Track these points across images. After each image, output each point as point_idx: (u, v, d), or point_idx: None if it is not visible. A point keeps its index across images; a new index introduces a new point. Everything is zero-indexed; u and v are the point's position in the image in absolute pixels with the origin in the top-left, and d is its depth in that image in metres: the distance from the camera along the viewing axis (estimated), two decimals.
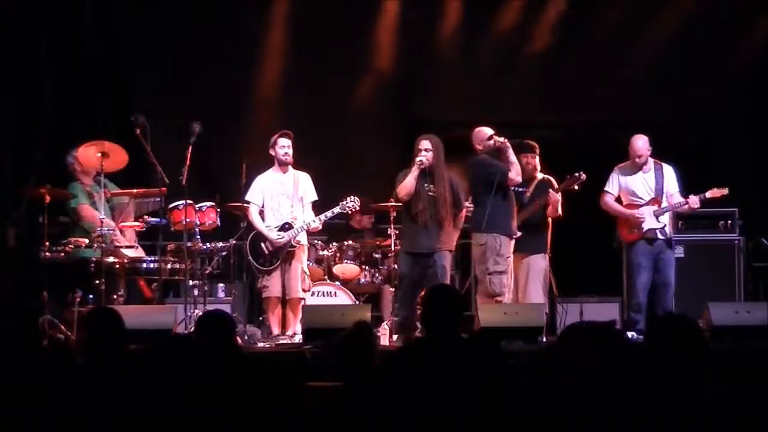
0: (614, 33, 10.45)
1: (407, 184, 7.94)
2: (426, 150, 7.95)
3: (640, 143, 8.44)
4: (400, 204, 8.32)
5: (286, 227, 8.45)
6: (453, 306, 4.62)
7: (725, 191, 8.41)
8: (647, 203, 8.44)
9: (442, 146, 8.08)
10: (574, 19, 10.45)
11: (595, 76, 10.48)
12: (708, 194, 8.39)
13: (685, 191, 8.49)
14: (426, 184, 7.97)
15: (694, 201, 8.35)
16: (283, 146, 8.49)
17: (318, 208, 8.64)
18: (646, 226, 8.38)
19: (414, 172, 7.92)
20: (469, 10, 10.57)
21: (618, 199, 8.59)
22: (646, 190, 8.47)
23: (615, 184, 8.56)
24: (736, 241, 9.52)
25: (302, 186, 8.57)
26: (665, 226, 8.41)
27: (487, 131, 8.19)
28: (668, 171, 8.53)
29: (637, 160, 8.45)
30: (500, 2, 10.62)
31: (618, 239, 8.63)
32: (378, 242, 9.72)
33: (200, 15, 10.38)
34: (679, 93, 10.45)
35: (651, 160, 8.50)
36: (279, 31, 10.61)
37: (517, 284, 8.40)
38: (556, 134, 10.56)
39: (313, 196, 8.61)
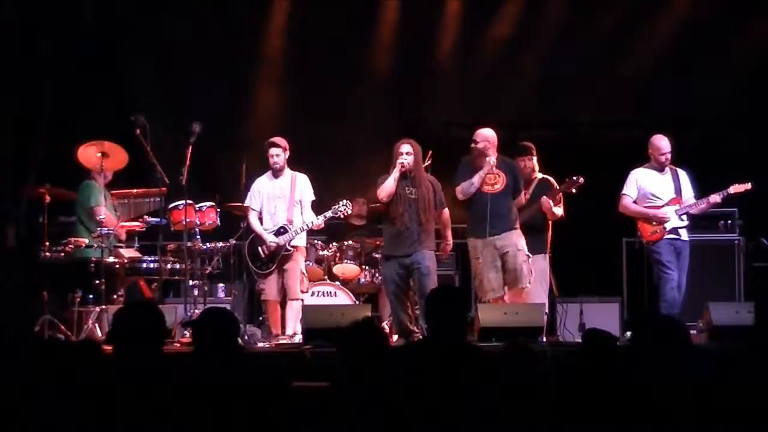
0: (614, 33, 10.46)
1: (388, 186, 7.98)
2: (407, 153, 7.98)
3: (664, 142, 8.40)
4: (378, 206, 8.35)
5: (281, 231, 8.48)
6: (458, 307, 4.60)
7: (748, 186, 8.39)
8: (667, 203, 8.41)
9: (421, 150, 8.13)
10: (573, 18, 10.45)
11: (595, 75, 10.47)
12: (731, 190, 8.37)
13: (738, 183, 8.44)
14: (407, 188, 7.99)
15: (714, 198, 8.33)
16: (272, 155, 8.52)
17: (315, 208, 8.65)
18: (669, 225, 8.34)
19: (395, 174, 7.96)
20: (469, 9, 10.58)
21: (635, 203, 8.53)
22: (666, 192, 8.43)
23: (634, 186, 8.49)
24: (736, 241, 9.52)
25: (299, 188, 8.58)
26: (687, 224, 8.38)
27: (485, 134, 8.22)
28: (683, 175, 8.49)
29: (660, 157, 8.38)
30: (500, 2, 10.62)
31: (640, 240, 8.59)
32: (378, 242, 9.72)
33: (200, 15, 10.38)
34: (679, 92, 10.46)
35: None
36: (279, 31, 10.62)
37: None
38: (556, 134, 10.55)
39: (311, 197, 8.62)
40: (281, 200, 8.56)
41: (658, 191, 8.44)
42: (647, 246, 8.46)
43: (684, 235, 8.40)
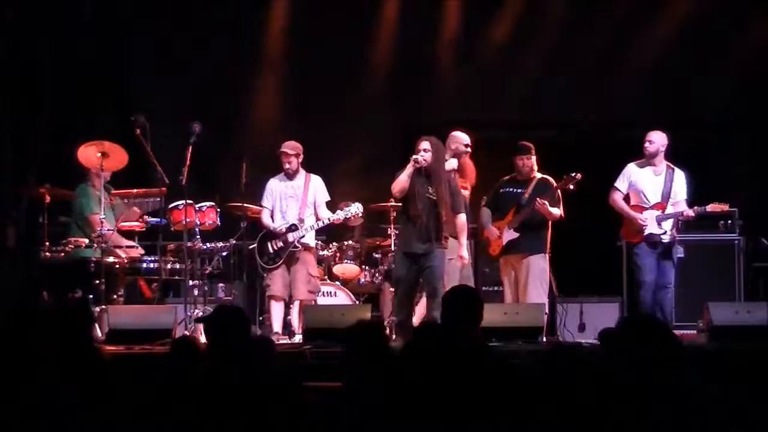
0: (614, 33, 10.46)
1: (400, 181, 7.86)
2: (425, 150, 7.90)
3: (656, 136, 8.40)
4: (399, 204, 8.30)
5: (292, 228, 8.49)
6: (473, 308, 4.59)
7: (725, 207, 8.39)
8: (652, 207, 8.41)
9: (442, 148, 8.06)
10: (573, 19, 10.45)
11: (595, 75, 10.48)
12: (708, 208, 8.36)
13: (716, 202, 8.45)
14: (426, 186, 7.92)
15: (688, 213, 8.34)
16: (284, 163, 8.56)
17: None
18: (647, 231, 8.35)
19: (408, 170, 7.85)
20: (469, 9, 10.58)
21: (627, 197, 8.55)
22: (654, 193, 8.43)
23: (625, 181, 8.50)
24: (736, 241, 9.51)
25: (313, 188, 8.60)
26: (666, 232, 8.36)
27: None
28: (679, 176, 8.46)
29: (647, 145, 8.39)
30: (500, 2, 10.62)
31: (621, 238, 8.61)
32: (378, 242, 9.72)
33: (200, 15, 10.38)
34: (679, 93, 10.46)
35: (664, 162, 8.47)
36: (279, 31, 10.61)
37: (518, 284, 8.38)
38: (556, 134, 10.55)
39: (325, 197, 8.64)
40: (293, 200, 8.58)
41: (648, 191, 8.43)
42: (628, 245, 8.48)
43: (664, 238, 8.38)
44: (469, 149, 8.51)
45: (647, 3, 10.55)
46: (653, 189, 8.43)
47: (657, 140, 8.40)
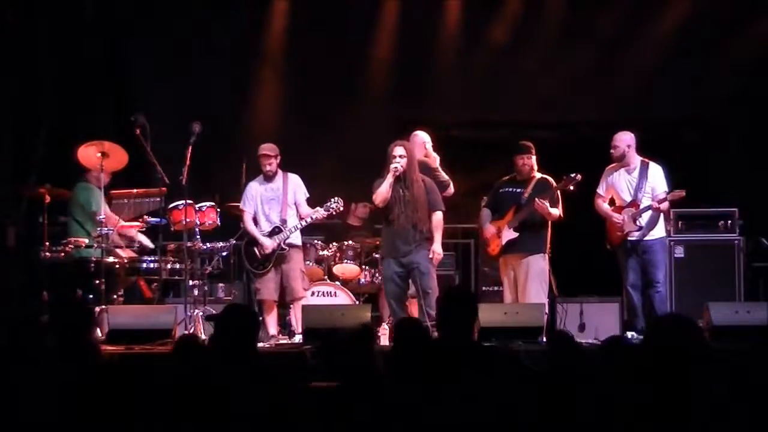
0: (614, 32, 10.46)
1: (383, 191, 7.98)
2: (401, 156, 7.98)
3: (619, 138, 8.39)
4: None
5: (276, 231, 8.48)
6: (468, 308, 4.60)
7: (683, 193, 8.36)
8: (628, 206, 8.41)
9: (414, 152, 8.15)
10: (573, 18, 10.45)
11: (595, 76, 10.48)
12: (669, 197, 8.36)
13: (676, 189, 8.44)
14: (401, 190, 7.99)
15: (655, 205, 8.33)
16: (265, 165, 8.53)
17: (313, 206, 8.64)
18: (625, 230, 8.36)
19: (389, 179, 7.96)
20: (469, 9, 10.58)
21: (612, 200, 8.55)
22: (628, 192, 8.43)
23: (603, 185, 8.53)
24: (736, 241, 9.50)
25: (291, 187, 8.59)
26: (642, 228, 8.35)
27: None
28: (654, 170, 8.40)
29: (612, 151, 8.41)
30: (500, 2, 10.62)
31: (608, 240, 8.63)
32: (378, 242, 9.72)
33: (200, 15, 10.39)
34: (679, 92, 10.46)
35: (638, 160, 8.43)
36: (279, 31, 10.62)
37: (517, 284, 8.38)
38: (556, 134, 10.55)
39: (305, 194, 8.64)
40: (275, 201, 8.57)
41: (623, 192, 8.44)
42: (613, 247, 8.49)
43: (638, 236, 8.37)
44: (430, 149, 8.57)
45: (647, 3, 10.55)
46: (627, 188, 8.44)
47: (621, 143, 8.39)
